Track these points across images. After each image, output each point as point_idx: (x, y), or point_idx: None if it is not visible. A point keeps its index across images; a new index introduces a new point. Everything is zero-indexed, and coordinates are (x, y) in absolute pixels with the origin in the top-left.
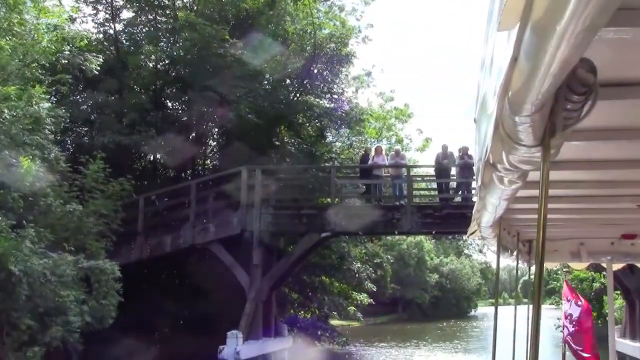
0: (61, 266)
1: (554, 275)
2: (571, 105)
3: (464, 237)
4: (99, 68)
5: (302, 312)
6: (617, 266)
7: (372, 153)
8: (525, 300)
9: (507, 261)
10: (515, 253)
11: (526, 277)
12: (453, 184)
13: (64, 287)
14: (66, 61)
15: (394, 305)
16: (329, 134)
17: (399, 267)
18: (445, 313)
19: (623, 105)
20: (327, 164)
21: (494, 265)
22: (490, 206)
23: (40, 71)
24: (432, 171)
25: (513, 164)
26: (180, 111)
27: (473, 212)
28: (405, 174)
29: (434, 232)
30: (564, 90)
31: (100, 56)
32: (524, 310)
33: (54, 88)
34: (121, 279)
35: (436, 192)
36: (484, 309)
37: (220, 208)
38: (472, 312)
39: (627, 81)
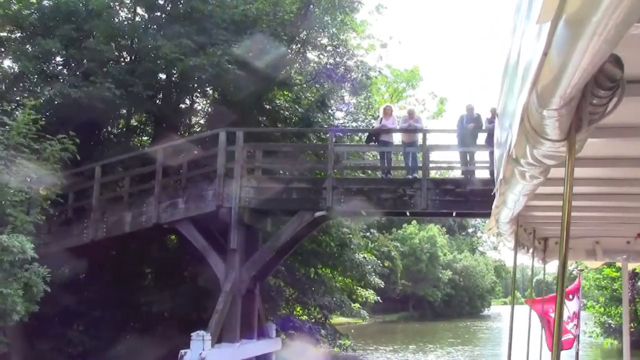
0: None
1: (571, 275)
2: (597, 100)
3: (479, 233)
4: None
5: (298, 309)
6: None
7: (380, 114)
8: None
9: (521, 260)
10: (530, 251)
11: (539, 276)
12: (479, 154)
13: None
14: None
15: (404, 303)
16: (332, 100)
17: (410, 262)
18: (457, 312)
19: None
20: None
21: (508, 263)
22: (509, 202)
23: None
24: (453, 138)
25: (537, 158)
26: (148, 62)
27: (492, 207)
28: (421, 140)
29: (454, 214)
30: (591, 85)
31: None
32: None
33: None
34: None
35: (458, 164)
36: (497, 308)
37: (193, 179)
38: (486, 311)
39: None
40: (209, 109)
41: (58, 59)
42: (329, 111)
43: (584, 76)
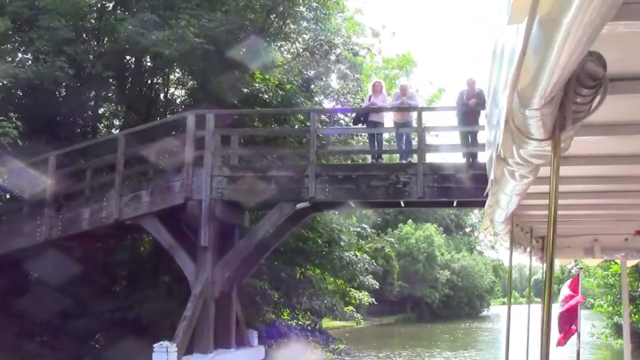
0: None
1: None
2: (581, 98)
3: (477, 232)
4: None
5: (286, 314)
6: None
7: (369, 91)
8: (537, 299)
9: (519, 259)
10: (528, 250)
11: (537, 276)
12: (483, 135)
13: None
14: None
15: (401, 305)
16: (318, 87)
17: (406, 263)
18: (456, 313)
19: (634, 99)
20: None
21: (506, 263)
22: (502, 202)
23: None
24: (453, 117)
25: (524, 157)
26: (109, 42)
27: (485, 207)
28: (416, 120)
29: (454, 203)
30: (573, 83)
31: None
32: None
33: None
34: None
35: (459, 146)
36: (496, 308)
37: (158, 169)
38: (485, 312)
39: (637, 75)
40: (184, 97)
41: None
42: (316, 99)
43: (563, 75)
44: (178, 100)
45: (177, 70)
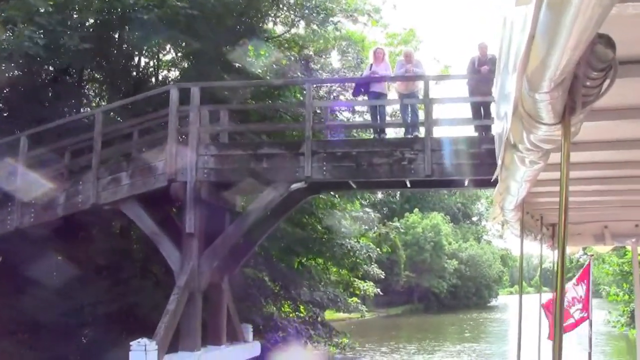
0: None
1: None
2: (590, 82)
3: (484, 221)
4: None
5: (286, 306)
6: None
7: (370, 59)
8: (546, 288)
9: (526, 248)
10: (539, 237)
11: (545, 264)
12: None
13: None
14: None
15: (408, 295)
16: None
17: (413, 252)
18: (464, 303)
19: None
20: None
21: (514, 252)
22: (512, 188)
23: None
24: (463, 85)
25: (534, 143)
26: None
27: (494, 194)
28: (422, 90)
29: (466, 182)
30: (583, 66)
31: None
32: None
33: None
34: None
35: (470, 118)
36: (503, 298)
37: (139, 149)
38: (493, 302)
39: None
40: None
41: None
42: (315, 75)
43: (573, 58)
44: (166, 75)
45: (168, 48)
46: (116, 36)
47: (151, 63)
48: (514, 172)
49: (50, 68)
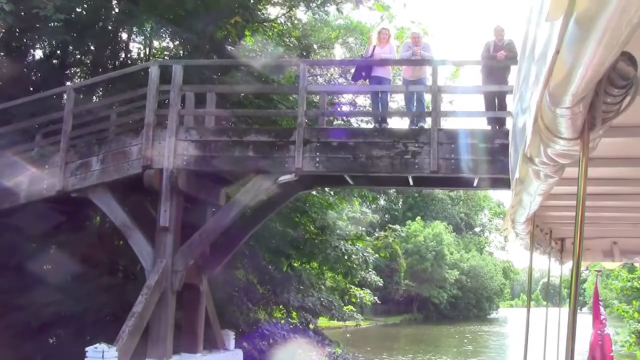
0: None
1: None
2: (611, 98)
3: (487, 232)
4: None
5: (277, 312)
6: None
7: (373, 40)
8: (544, 303)
9: (528, 262)
10: (547, 251)
11: (545, 279)
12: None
13: None
14: None
15: (408, 304)
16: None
17: (414, 261)
18: (464, 314)
19: None
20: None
21: (516, 264)
22: (525, 202)
23: None
24: (476, 73)
25: (551, 157)
26: None
27: (508, 208)
28: (430, 77)
29: (475, 181)
30: (604, 83)
31: None
32: (545, 313)
33: None
34: None
35: (482, 109)
36: (504, 311)
37: (112, 131)
38: (493, 314)
39: None
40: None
41: None
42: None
43: (596, 74)
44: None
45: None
46: (102, 11)
47: (143, 51)
48: (527, 185)
49: (33, 51)
